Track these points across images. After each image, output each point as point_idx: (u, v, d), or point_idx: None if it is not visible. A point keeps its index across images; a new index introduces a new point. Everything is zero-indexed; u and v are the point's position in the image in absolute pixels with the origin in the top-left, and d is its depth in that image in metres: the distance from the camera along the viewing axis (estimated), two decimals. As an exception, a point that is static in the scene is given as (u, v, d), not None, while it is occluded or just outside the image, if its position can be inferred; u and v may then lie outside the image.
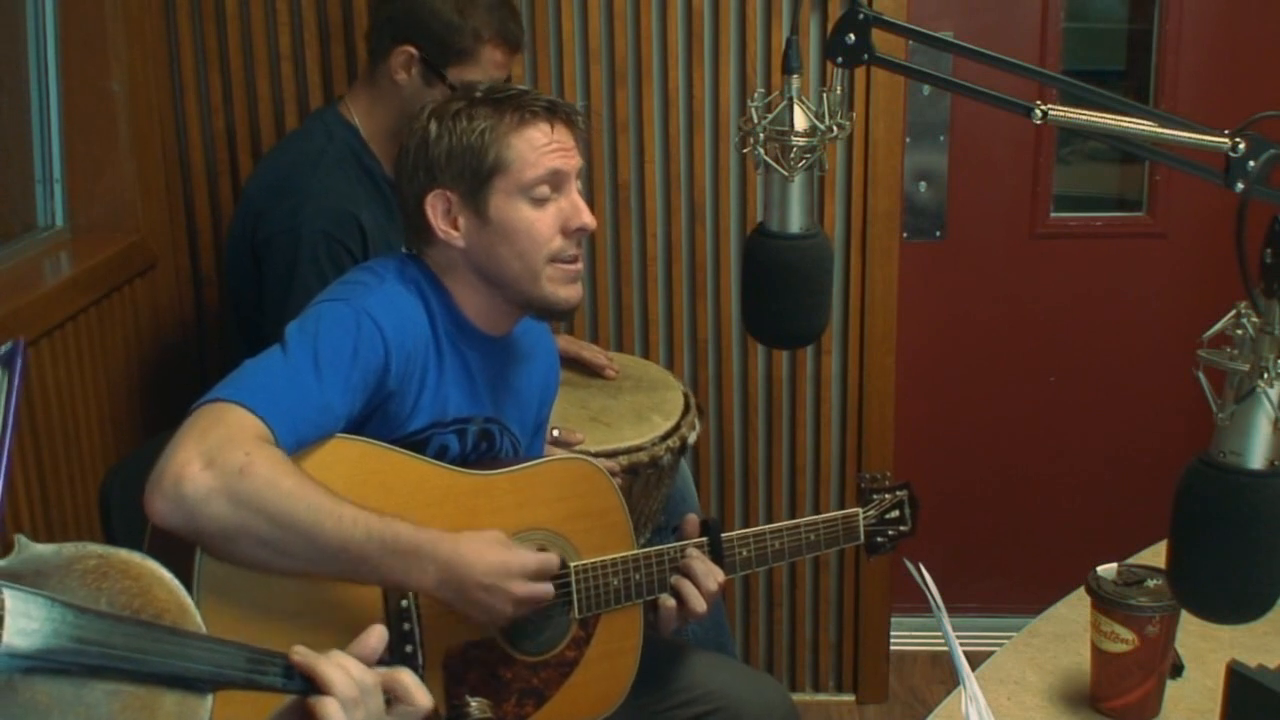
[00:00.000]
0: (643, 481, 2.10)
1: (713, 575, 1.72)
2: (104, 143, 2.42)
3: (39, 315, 2.05)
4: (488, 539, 1.52)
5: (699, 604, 1.71)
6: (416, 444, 1.62)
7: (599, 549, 1.69)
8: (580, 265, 1.69)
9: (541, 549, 1.63)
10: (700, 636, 2.27)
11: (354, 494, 1.49)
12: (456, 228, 1.64)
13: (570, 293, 1.68)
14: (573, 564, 1.66)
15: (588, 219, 1.66)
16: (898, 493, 1.92)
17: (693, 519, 1.79)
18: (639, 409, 2.23)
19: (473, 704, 1.30)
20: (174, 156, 2.64)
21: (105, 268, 2.33)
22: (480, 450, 1.72)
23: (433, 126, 1.64)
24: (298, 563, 1.42)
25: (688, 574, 1.72)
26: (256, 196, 2.17)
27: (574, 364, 2.38)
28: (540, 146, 1.63)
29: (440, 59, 2.12)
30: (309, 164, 2.12)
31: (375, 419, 1.59)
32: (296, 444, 1.46)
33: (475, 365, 1.70)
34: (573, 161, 1.66)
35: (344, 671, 1.06)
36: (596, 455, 2.03)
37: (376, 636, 1.14)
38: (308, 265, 2.03)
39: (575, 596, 1.66)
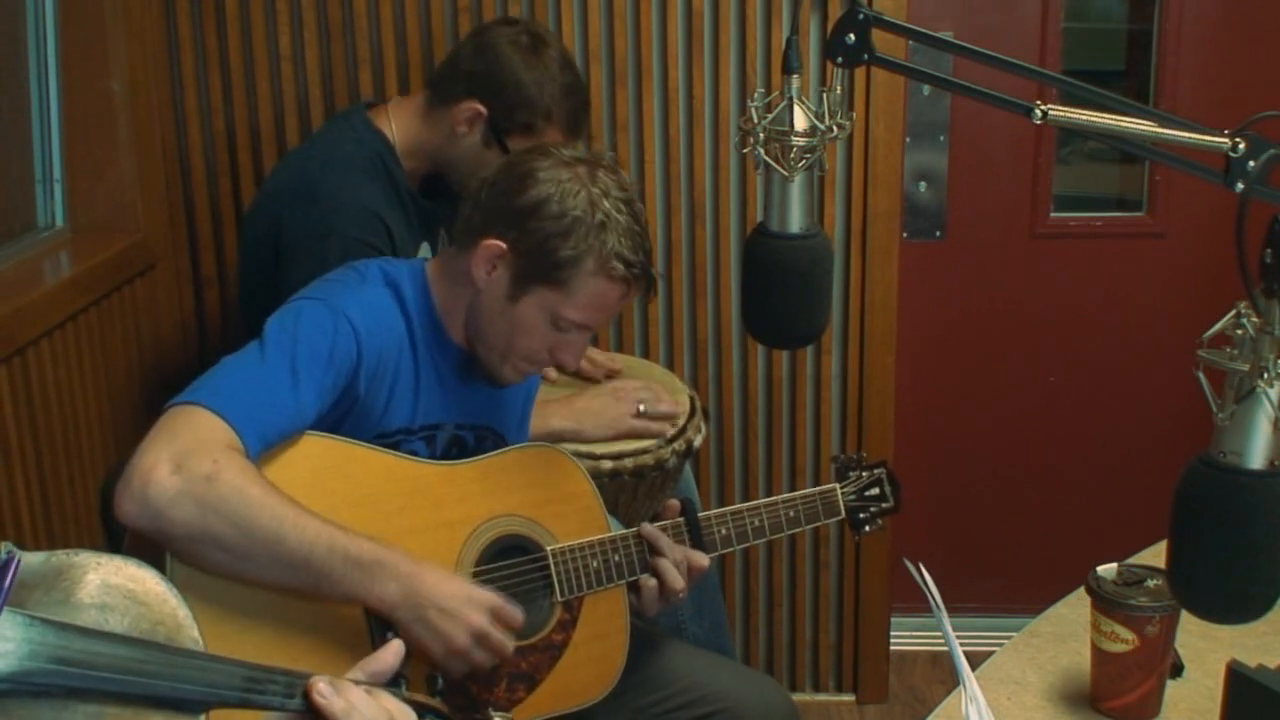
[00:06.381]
0: (648, 484, 2.10)
1: (673, 549, 1.72)
2: (104, 143, 2.42)
3: (39, 315, 2.05)
4: (449, 571, 1.55)
5: (677, 581, 1.71)
6: (384, 448, 1.63)
7: (575, 533, 1.70)
8: (540, 370, 1.75)
9: (517, 535, 1.64)
10: (700, 638, 2.27)
11: (317, 488, 1.49)
12: (490, 275, 1.65)
13: (516, 381, 1.73)
14: (549, 547, 1.67)
15: (570, 362, 1.70)
16: (875, 470, 1.93)
17: (672, 503, 1.79)
18: None
19: (496, 718, 1.30)
20: (174, 156, 2.63)
21: (105, 268, 2.33)
22: (450, 456, 1.73)
23: (543, 190, 1.61)
24: (261, 571, 1.42)
25: (652, 546, 1.72)
26: (280, 198, 2.16)
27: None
28: (601, 305, 1.64)
29: (505, 126, 2.14)
30: (339, 169, 2.12)
31: (346, 425, 1.60)
32: (265, 449, 1.47)
33: (449, 371, 1.72)
34: (611, 319, 1.71)
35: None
36: (602, 457, 2.04)
37: (393, 653, 1.12)
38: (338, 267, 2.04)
39: (555, 579, 1.67)
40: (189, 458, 1.38)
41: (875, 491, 1.92)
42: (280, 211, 2.13)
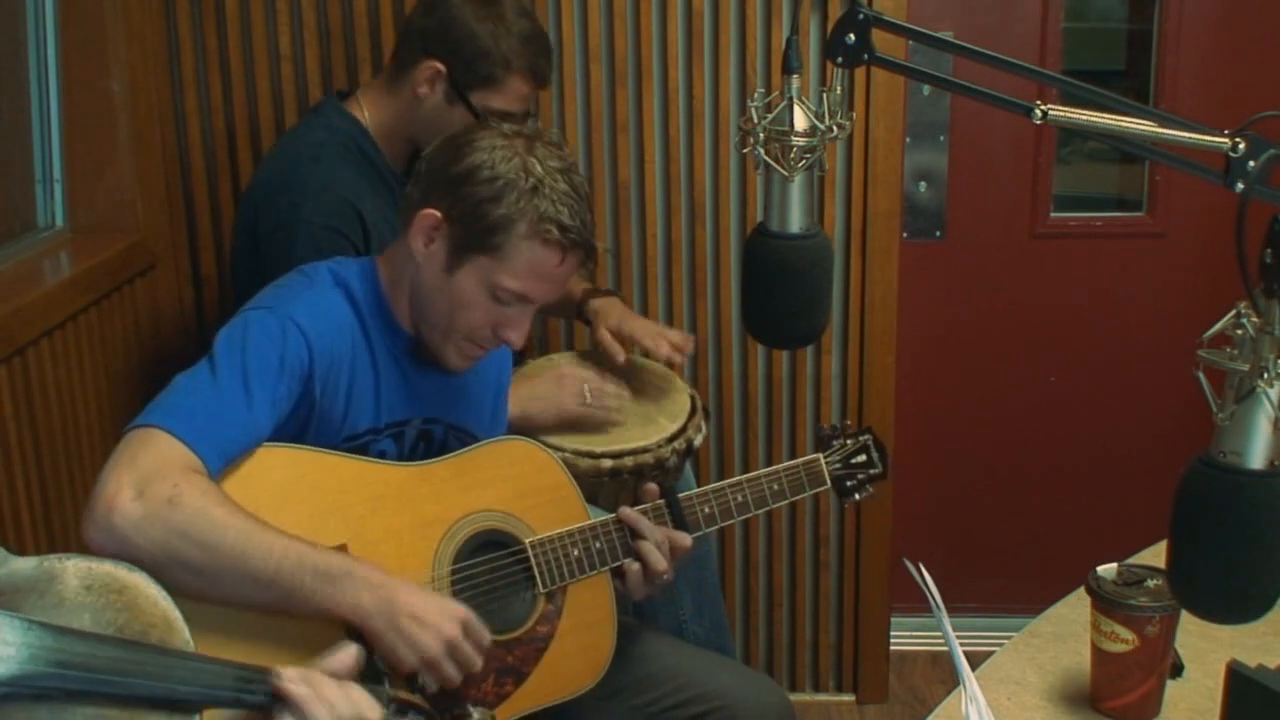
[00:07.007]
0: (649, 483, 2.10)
1: (654, 530, 1.72)
2: (104, 143, 2.42)
3: (39, 315, 2.05)
4: (421, 584, 1.54)
5: (659, 563, 1.70)
6: (353, 451, 1.63)
7: (554, 523, 1.69)
8: (486, 352, 1.71)
9: (494, 530, 1.63)
10: (700, 638, 2.27)
11: (288, 500, 1.48)
12: (428, 247, 1.64)
13: (461, 365, 1.70)
14: (528, 540, 1.66)
15: (515, 340, 1.67)
16: (860, 438, 1.91)
17: (651, 487, 1.78)
18: (645, 411, 2.22)
19: (475, 714, 1.30)
20: (174, 156, 2.64)
21: (105, 268, 2.33)
22: (419, 452, 1.72)
23: (478, 157, 1.61)
24: (230, 591, 1.41)
25: (633, 529, 1.72)
26: (256, 190, 2.17)
27: (587, 358, 2.34)
28: (538, 273, 1.62)
29: (466, 81, 2.12)
30: (308, 157, 2.12)
31: (311, 432, 1.60)
32: (225, 465, 1.47)
33: (410, 368, 1.71)
34: (554, 293, 1.67)
35: (330, 709, 1.03)
36: (602, 456, 2.03)
37: (349, 656, 1.12)
38: (308, 258, 2.03)
39: (537, 571, 1.66)
40: (150, 482, 1.37)
41: (862, 459, 1.90)
42: (255, 204, 2.14)
